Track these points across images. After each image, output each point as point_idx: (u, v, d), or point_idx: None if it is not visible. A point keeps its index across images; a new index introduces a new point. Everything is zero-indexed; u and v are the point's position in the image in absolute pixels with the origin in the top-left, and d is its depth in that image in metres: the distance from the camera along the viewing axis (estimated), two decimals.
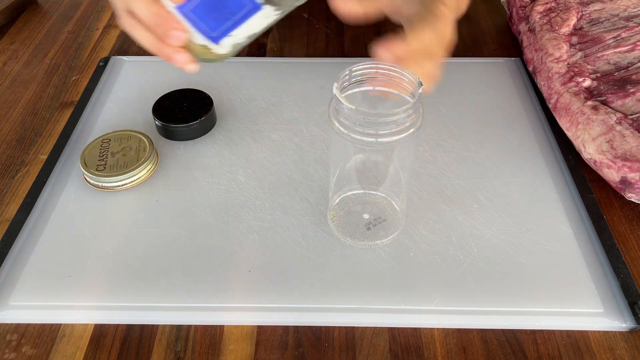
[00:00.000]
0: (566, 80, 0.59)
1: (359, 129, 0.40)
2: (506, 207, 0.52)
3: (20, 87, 0.69)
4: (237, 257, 0.48)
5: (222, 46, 0.43)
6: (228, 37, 0.42)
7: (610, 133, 0.52)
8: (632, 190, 0.51)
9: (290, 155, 0.57)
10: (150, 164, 0.54)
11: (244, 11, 0.40)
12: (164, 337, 0.43)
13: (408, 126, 0.40)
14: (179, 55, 0.42)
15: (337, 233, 0.49)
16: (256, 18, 0.41)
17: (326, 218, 0.50)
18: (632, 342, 0.43)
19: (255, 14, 0.40)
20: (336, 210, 0.50)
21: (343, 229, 0.49)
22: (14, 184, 0.56)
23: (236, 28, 0.41)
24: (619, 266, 0.47)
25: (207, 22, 0.41)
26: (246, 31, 0.42)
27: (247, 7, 0.40)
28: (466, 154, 0.57)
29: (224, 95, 0.65)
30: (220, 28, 0.41)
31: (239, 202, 0.52)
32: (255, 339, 0.43)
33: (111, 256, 0.48)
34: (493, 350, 0.42)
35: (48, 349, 0.42)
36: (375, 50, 0.43)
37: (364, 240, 0.48)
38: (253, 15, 0.40)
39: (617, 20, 0.64)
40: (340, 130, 0.41)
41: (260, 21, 0.41)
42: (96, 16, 0.82)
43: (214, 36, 0.42)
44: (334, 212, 0.50)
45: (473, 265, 0.47)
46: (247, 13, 0.40)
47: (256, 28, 0.42)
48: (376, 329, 0.43)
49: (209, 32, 0.42)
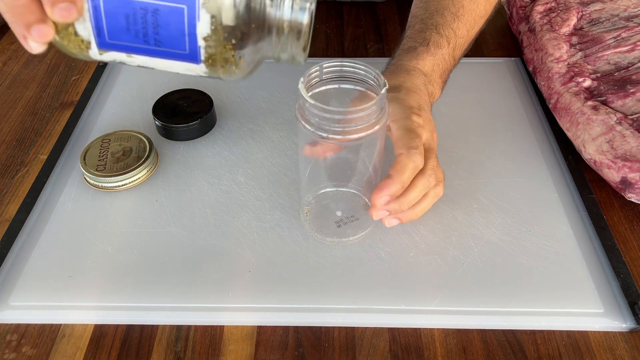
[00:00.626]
0: (566, 81, 0.59)
1: (325, 127, 0.40)
2: (506, 207, 0.52)
3: (20, 87, 0.69)
4: (237, 257, 0.48)
5: (103, 56, 0.35)
6: (121, 54, 0.34)
7: (610, 133, 0.52)
8: (632, 191, 0.51)
9: (290, 155, 0.57)
10: (150, 164, 0.54)
11: (175, 52, 0.33)
12: (164, 337, 0.43)
13: (373, 123, 0.41)
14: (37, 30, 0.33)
15: (309, 229, 0.49)
16: (177, 64, 0.34)
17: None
18: (632, 342, 0.43)
19: (182, 62, 0.34)
20: (311, 205, 0.50)
21: (314, 225, 0.49)
22: (14, 184, 0.56)
23: (145, 55, 0.34)
24: (619, 266, 0.47)
25: (115, 27, 0.33)
26: (150, 63, 0.35)
27: (182, 52, 0.33)
28: (466, 154, 0.57)
29: (224, 95, 0.65)
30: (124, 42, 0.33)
31: (239, 202, 0.52)
32: (255, 339, 0.43)
33: (111, 256, 0.48)
34: (493, 351, 0.42)
35: (48, 349, 0.42)
36: (372, 197, 0.44)
37: (333, 237, 0.48)
38: (178, 60, 0.34)
39: (617, 20, 0.64)
40: (306, 127, 0.41)
41: (176, 67, 0.35)
42: None
43: (106, 43, 0.34)
44: (308, 207, 0.50)
45: (473, 265, 0.47)
46: (175, 55, 0.34)
47: (164, 67, 0.35)
48: (376, 329, 0.43)
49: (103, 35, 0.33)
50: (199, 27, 0.32)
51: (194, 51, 0.34)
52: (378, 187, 0.44)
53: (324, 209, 0.51)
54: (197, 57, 0.34)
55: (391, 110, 0.46)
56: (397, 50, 0.55)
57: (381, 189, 0.44)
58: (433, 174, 0.46)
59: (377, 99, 0.40)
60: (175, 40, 0.33)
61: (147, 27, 0.33)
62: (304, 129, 0.42)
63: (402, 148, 0.44)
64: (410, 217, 0.47)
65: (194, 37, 0.33)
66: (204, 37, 0.33)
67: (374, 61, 0.72)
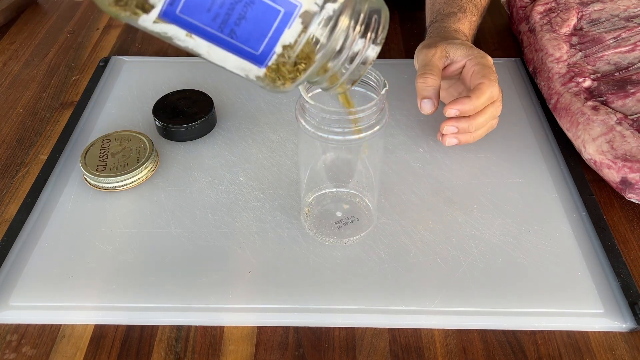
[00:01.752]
0: (566, 81, 0.59)
1: (324, 127, 0.40)
2: (506, 207, 0.52)
3: (20, 87, 0.69)
4: (237, 257, 0.48)
5: (156, 26, 0.32)
6: (181, 31, 0.32)
7: (610, 133, 0.52)
8: (633, 191, 0.51)
9: (290, 155, 0.57)
10: (150, 164, 0.54)
11: (244, 49, 0.33)
12: (164, 337, 0.43)
13: (373, 123, 0.41)
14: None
15: (309, 229, 0.49)
16: (235, 60, 0.34)
17: None
18: (632, 342, 0.43)
19: (242, 60, 0.33)
20: (311, 206, 0.50)
21: (314, 225, 0.49)
22: (14, 184, 0.56)
23: (209, 41, 0.33)
24: (619, 266, 0.47)
25: (195, 3, 0.31)
26: (204, 50, 0.33)
27: (252, 51, 0.33)
28: (466, 155, 0.57)
29: (224, 95, 0.65)
30: (196, 20, 0.32)
31: (239, 202, 0.52)
32: (256, 339, 0.43)
33: (111, 256, 0.48)
34: (493, 351, 0.42)
35: (48, 349, 0.42)
36: (445, 109, 0.51)
37: (333, 237, 0.48)
38: (239, 57, 0.33)
39: (618, 20, 0.64)
40: (306, 128, 0.41)
41: (230, 62, 0.34)
42: (96, 16, 0.82)
43: (173, 14, 0.32)
44: (308, 208, 0.50)
45: (473, 265, 0.47)
46: (242, 51, 0.33)
47: (216, 58, 0.34)
48: (376, 329, 0.43)
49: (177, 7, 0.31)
50: (286, 33, 0.32)
51: (266, 55, 0.33)
52: (453, 101, 0.50)
53: (324, 210, 0.51)
54: (265, 61, 0.33)
55: (464, 51, 0.54)
56: (434, 15, 0.63)
57: (456, 102, 0.50)
58: (500, 106, 0.53)
59: (377, 100, 0.40)
60: (252, 38, 0.32)
61: (232, 15, 0.31)
62: (304, 130, 0.42)
63: (483, 78, 0.51)
64: (467, 140, 0.53)
65: (274, 41, 0.32)
66: (284, 45, 0.32)
67: (374, 62, 0.71)
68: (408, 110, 0.62)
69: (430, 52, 0.54)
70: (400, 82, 0.65)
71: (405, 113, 0.62)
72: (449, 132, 0.52)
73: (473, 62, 0.53)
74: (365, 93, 0.44)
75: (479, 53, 0.54)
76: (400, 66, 0.69)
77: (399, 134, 0.60)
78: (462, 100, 0.50)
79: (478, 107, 0.51)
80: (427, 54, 0.54)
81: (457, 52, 0.54)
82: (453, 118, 0.52)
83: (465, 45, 0.55)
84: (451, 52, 0.54)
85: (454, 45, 0.55)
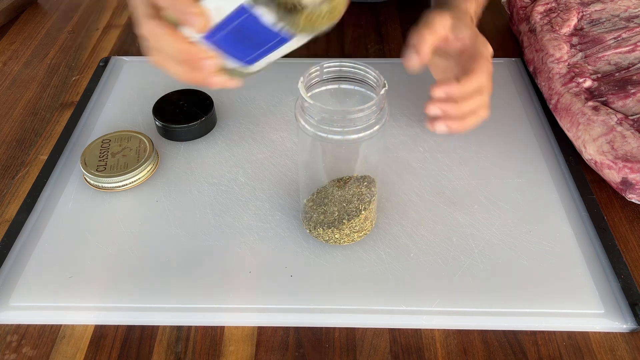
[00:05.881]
0: (567, 81, 0.59)
1: (324, 127, 0.40)
2: (507, 208, 0.52)
3: (20, 88, 0.68)
4: (237, 257, 0.48)
5: (255, 66, 0.42)
6: (260, 60, 0.41)
7: (611, 134, 0.52)
8: (633, 191, 0.51)
9: (290, 155, 0.57)
10: (150, 164, 0.54)
11: (274, 41, 0.38)
12: (164, 338, 0.43)
13: (373, 123, 0.41)
14: (213, 80, 0.42)
15: (307, 228, 0.49)
16: (287, 45, 0.39)
17: None
18: (632, 343, 0.43)
19: (287, 43, 0.39)
20: (309, 205, 0.50)
21: (312, 224, 0.49)
22: (14, 185, 0.56)
23: (268, 54, 0.40)
24: (620, 267, 0.47)
25: (238, 51, 0.40)
26: (279, 54, 0.41)
27: (277, 39, 0.38)
28: (467, 155, 0.57)
29: (224, 95, 0.65)
30: (251, 55, 0.40)
31: (239, 202, 0.52)
32: (256, 339, 0.43)
33: (111, 256, 0.48)
34: (494, 352, 0.42)
35: (48, 349, 0.42)
36: (432, 89, 0.51)
37: (334, 237, 0.48)
38: (285, 44, 0.39)
39: (618, 20, 0.64)
40: (306, 128, 0.41)
41: (292, 45, 0.40)
42: (96, 16, 0.82)
43: (245, 61, 0.41)
44: (306, 207, 0.50)
45: (474, 266, 0.47)
46: (278, 42, 0.39)
47: (289, 49, 0.41)
48: (377, 329, 0.43)
49: (240, 58, 0.41)
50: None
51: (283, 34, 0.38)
52: (441, 82, 0.50)
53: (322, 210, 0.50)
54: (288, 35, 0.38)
55: (470, 32, 0.53)
56: None
57: (444, 84, 0.50)
58: (487, 98, 0.53)
59: (376, 99, 0.40)
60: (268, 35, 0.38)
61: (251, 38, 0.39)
62: (303, 129, 0.42)
63: (476, 66, 0.51)
64: (457, 128, 0.52)
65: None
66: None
67: (374, 62, 0.72)
68: (408, 110, 0.62)
69: (437, 18, 0.53)
70: (400, 82, 0.65)
71: (405, 113, 0.62)
72: (433, 112, 0.52)
73: (474, 47, 0.53)
74: (364, 92, 0.44)
75: (483, 41, 0.54)
76: (400, 66, 0.69)
77: (399, 134, 0.60)
78: (451, 83, 0.50)
79: (465, 93, 0.50)
80: (433, 17, 0.53)
81: (463, 31, 0.54)
82: (439, 100, 0.51)
83: (472, 29, 0.54)
84: (458, 28, 0.54)
85: (462, 23, 0.54)
